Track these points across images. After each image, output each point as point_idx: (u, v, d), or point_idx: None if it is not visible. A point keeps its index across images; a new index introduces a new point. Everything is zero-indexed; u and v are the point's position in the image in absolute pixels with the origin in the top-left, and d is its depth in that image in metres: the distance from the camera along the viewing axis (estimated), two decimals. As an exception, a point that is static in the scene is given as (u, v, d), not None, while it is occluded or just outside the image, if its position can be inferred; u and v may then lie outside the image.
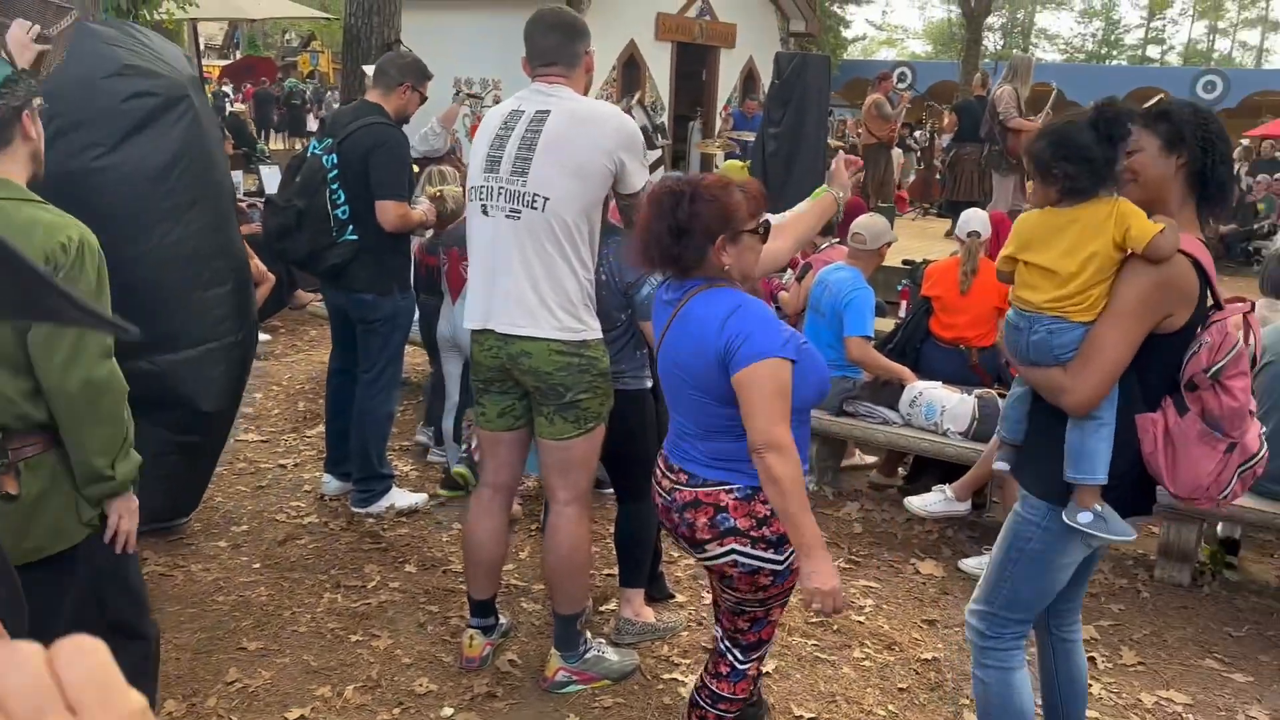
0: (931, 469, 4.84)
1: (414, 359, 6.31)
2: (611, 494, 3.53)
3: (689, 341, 2.29)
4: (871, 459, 5.44)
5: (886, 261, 5.31)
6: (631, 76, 12.96)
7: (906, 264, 7.69)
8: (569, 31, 3.01)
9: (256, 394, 6.01)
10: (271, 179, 8.50)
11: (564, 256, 2.86)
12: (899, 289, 6.96)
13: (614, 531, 3.46)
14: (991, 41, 45.60)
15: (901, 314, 6.63)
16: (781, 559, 2.31)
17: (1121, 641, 3.62)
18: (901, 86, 19.11)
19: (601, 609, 3.63)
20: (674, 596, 3.71)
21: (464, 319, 3.06)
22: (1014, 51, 42.09)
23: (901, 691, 3.26)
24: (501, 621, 3.36)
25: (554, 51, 2.97)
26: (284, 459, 5.02)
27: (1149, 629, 3.73)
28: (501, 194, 2.89)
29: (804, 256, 5.97)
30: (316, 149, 4.18)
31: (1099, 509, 2.23)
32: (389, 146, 4.07)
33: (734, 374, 2.20)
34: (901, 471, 5.20)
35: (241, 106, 18.19)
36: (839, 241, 5.51)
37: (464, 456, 4.61)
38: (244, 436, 5.23)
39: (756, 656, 2.53)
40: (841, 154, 3.11)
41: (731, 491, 2.30)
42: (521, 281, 2.86)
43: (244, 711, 3.00)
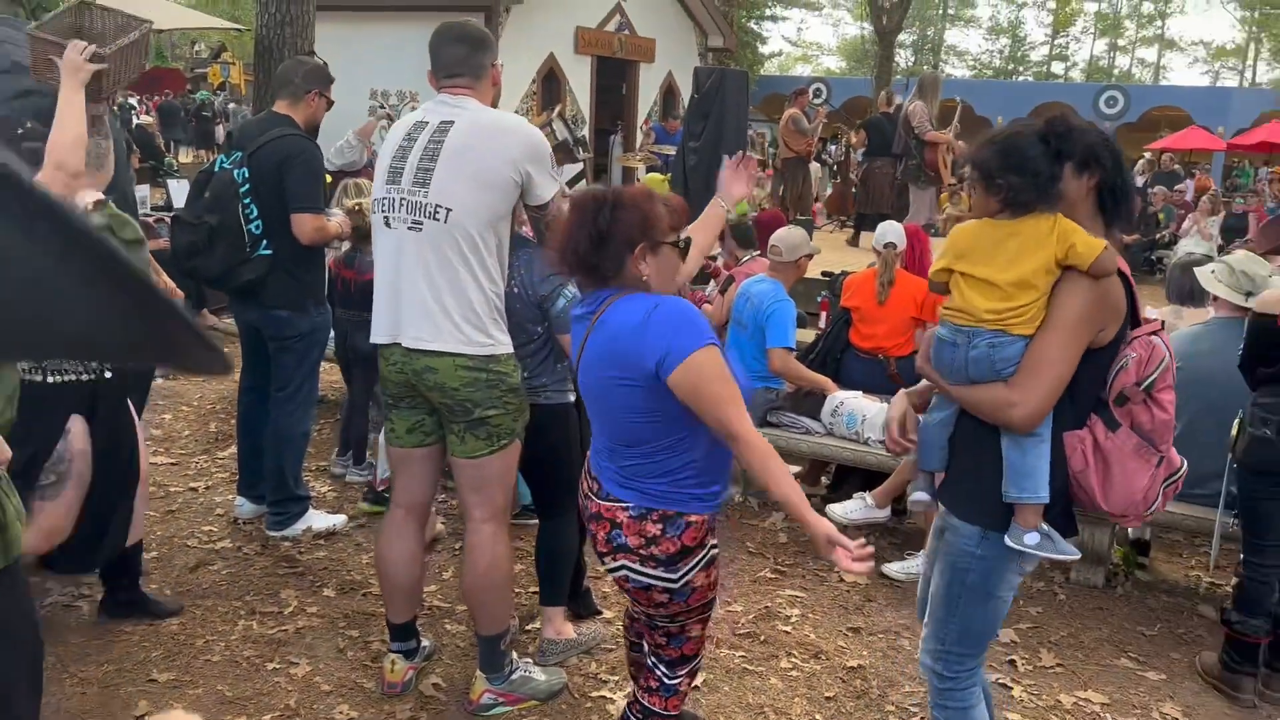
0: (854, 477, 4.89)
1: (330, 375, 6.16)
2: (536, 522, 3.48)
3: (608, 350, 2.27)
4: (795, 468, 5.47)
5: (806, 273, 5.36)
6: (551, 90, 12.93)
7: (826, 276, 7.76)
8: (474, 43, 2.98)
9: (165, 415, 5.81)
10: (180, 193, 8.26)
11: (469, 269, 2.80)
12: (819, 300, 7.03)
13: (535, 549, 3.41)
14: (903, 58, 46.74)
15: (822, 324, 6.71)
16: (675, 577, 2.30)
17: (1040, 644, 3.69)
18: (817, 102, 19.44)
19: (528, 628, 3.57)
20: (601, 612, 3.67)
21: (371, 334, 2.99)
22: (924, 68, 43.24)
23: (829, 700, 3.27)
24: (424, 644, 3.28)
25: (460, 63, 2.93)
26: (195, 482, 4.85)
27: (1066, 630, 3.81)
28: (403, 205, 2.83)
29: (726, 268, 6.02)
30: (225, 163, 4.06)
31: (1044, 528, 2.21)
32: (302, 158, 3.98)
33: (669, 377, 2.17)
34: (825, 480, 5.24)
35: (148, 119, 17.69)
36: (760, 254, 5.55)
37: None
38: (153, 459, 5.03)
39: (684, 672, 2.51)
40: (727, 160, 3.04)
41: (627, 509, 2.30)
42: (425, 295, 2.81)
43: (153, 747, 2.87)
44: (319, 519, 4.32)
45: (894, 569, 4.23)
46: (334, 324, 4.67)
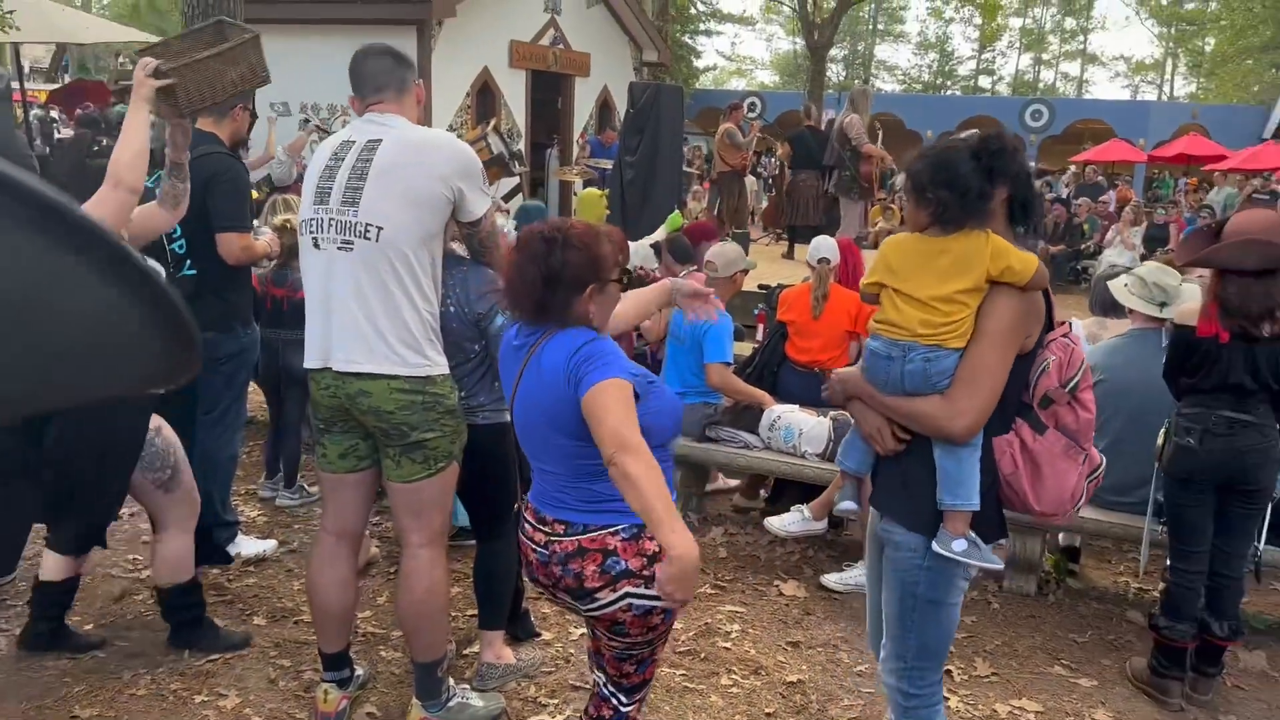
0: (792, 490, 4.92)
1: (257, 394, 6.02)
2: (474, 544, 3.42)
3: (545, 385, 2.23)
4: (734, 482, 5.49)
5: (743, 288, 5.39)
6: (486, 103, 12.86)
7: (762, 289, 7.83)
8: (397, 58, 2.96)
9: (88, 439, 5.62)
10: (103, 210, 8.02)
11: (402, 289, 2.76)
12: (755, 313, 7.09)
13: (473, 573, 3.36)
14: (835, 72, 47.42)
15: (759, 337, 6.75)
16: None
17: (975, 653, 3.73)
18: (751, 116, 19.64)
19: (465, 652, 3.52)
20: (540, 635, 3.63)
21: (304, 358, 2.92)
22: (855, 82, 43.94)
23: (769, 716, 3.27)
24: (358, 673, 3.21)
25: (383, 75, 2.90)
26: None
27: (1000, 639, 3.86)
28: (332, 225, 2.77)
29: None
30: (147, 182, 3.94)
31: (972, 536, 2.22)
32: (228, 176, 3.90)
33: (581, 397, 2.13)
34: (763, 494, 5.26)
35: (69, 133, 17.17)
36: (696, 267, 5.56)
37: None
38: (74, 486, 4.87)
39: (639, 697, 2.47)
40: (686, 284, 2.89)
41: (618, 533, 2.21)
42: (358, 316, 2.75)
43: (73, 789, 2.76)
44: (248, 544, 4.21)
45: (832, 580, 4.25)
46: (263, 344, 4.58)
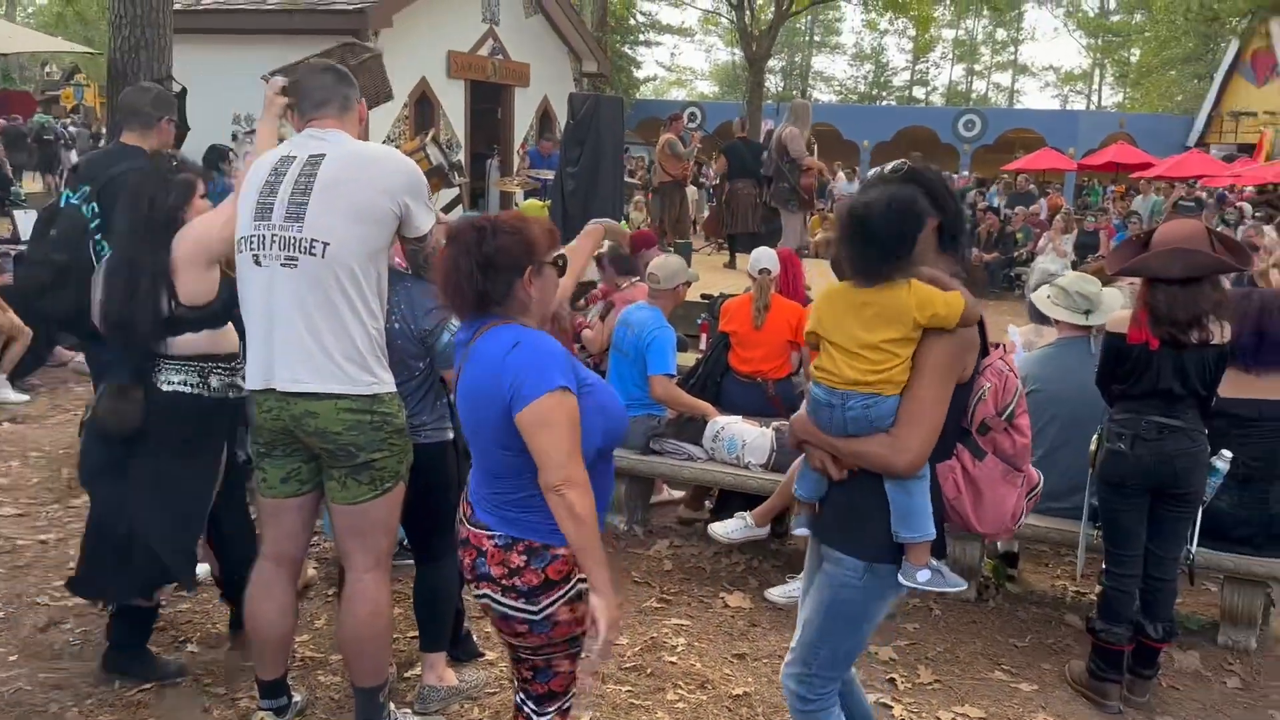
0: (737, 500, 4.92)
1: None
2: (412, 563, 3.37)
3: (477, 380, 2.25)
4: (679, 493, 5.49)
5: (686, 299, 5.40)
6: (424, 114, 12.75)
7: (705, 298, 7.85)
8: (340, 74, 2.94)
9: (12, 461, 5.45)
10: (27, 225, 7.81)
11: (349, 305, 2.71)
12: (699, 322, 7.11)
13: (413, 593, 3.30)
14: (774, 83, 47.97)
15: (702, 346, 6.77)
16: (535, 609, 2.26)
17: (918, 660, 3.76)
18: (692, 126, 19.75)
19: (406, 675, 3.45)
20: (483, 655, 3.58)
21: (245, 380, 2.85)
22: (794, 95, 44.45)
23: (716, 731, 3.26)
24: (295, 699, 3.13)
25: (327, 91, 2.86)
26: (45, 534, 4.54)
27: (943, 645, 3.90)
28: (275, 242, 2.71)
29: (605, 295, 6.01)
30: (72, 198, 3.84)
31: (935, 564, 2.27)
32: (157, 192, 3.80)
33: (517, 414, 2.14)
34: (708, 505, 5.26)
35: (-6, 143, 16.67)
36: (640, 280, 5.56)
37: None
38: (-2, 511, 4.71)
39: (553, 709, 2.45)
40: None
41: (493, 538, 2.27)
42: (303, 334, 2.70)
43: (-4, 831, 2.65)
44: (182, 569, 4.09)
45: (776, 594, 4.26)
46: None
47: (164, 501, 3.11)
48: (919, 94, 55.99)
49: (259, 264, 2.74)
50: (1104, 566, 3.54)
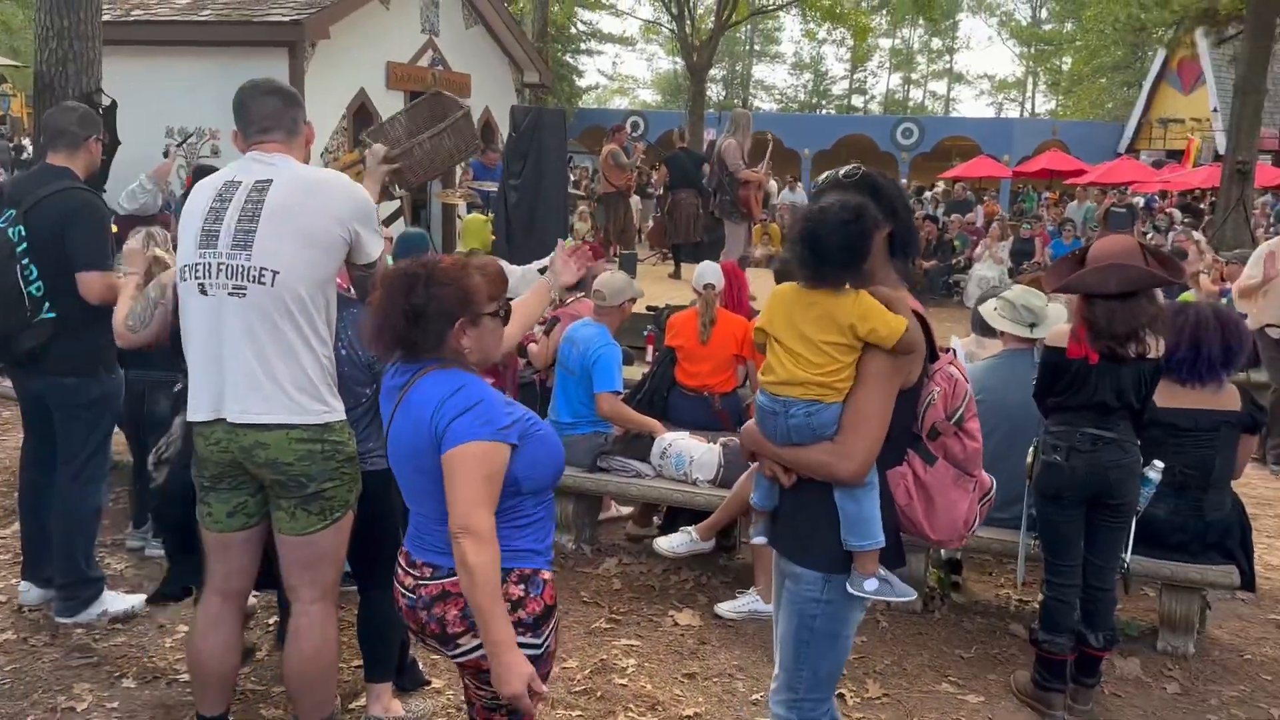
0: (685, 515, 4.91)
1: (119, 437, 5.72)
2: (354, 589, 3.30)
3: (413, 426, 2.20)
4: (627, 510, 5.46)
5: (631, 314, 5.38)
6: (363, 126, 12.56)
7: (651, 310, 7.86)
8: (288, 97, 2.87)
9: (-64, 491, 5.25)
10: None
11: (299, 333, 2.67)
12: (645, 334, 7.11)
13: (358, 621, 3.24)
14: (715, 92, 48.33)
15: (648, 358, 6.77)
16: (540, 641, 2.23)
17: (866, 674, 3.78)
18: (635, 135, 19.80)
19: (351, 706, 3.38)
20: (429, 683, 3.52)
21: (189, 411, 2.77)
22: (735, 104, 44.77)
23: (667, 754, 3.24)
24: (237, 736, 3.06)
25: (273, 117, 2.80)
26: (-29, 566, 4.39)
27: (890, 658, 3.92)
28: (222, 270, 2.65)
29: (551, 310, 5.97)
30: None
31: (883, 573, 2.27)
32: (86, 213, 3.72)
33: (443, 454, 2.12)
34: (656, 521, 5.25)
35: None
36: (585, 296, 5.54)
37: None
38: (-80, 544, 4.54)
39: None
40: (562, 244, 3.14)
41: None
42: (253, 364, 2.64)
43: None
44: (116, 601, 3.97)
45: (725, 609, 4.26)
46: (127, 386, 4.36)
47: None
48: (858, 102, 56.82)
49: (205, 293, 2.68)
50: (1044, 577, 3.59)
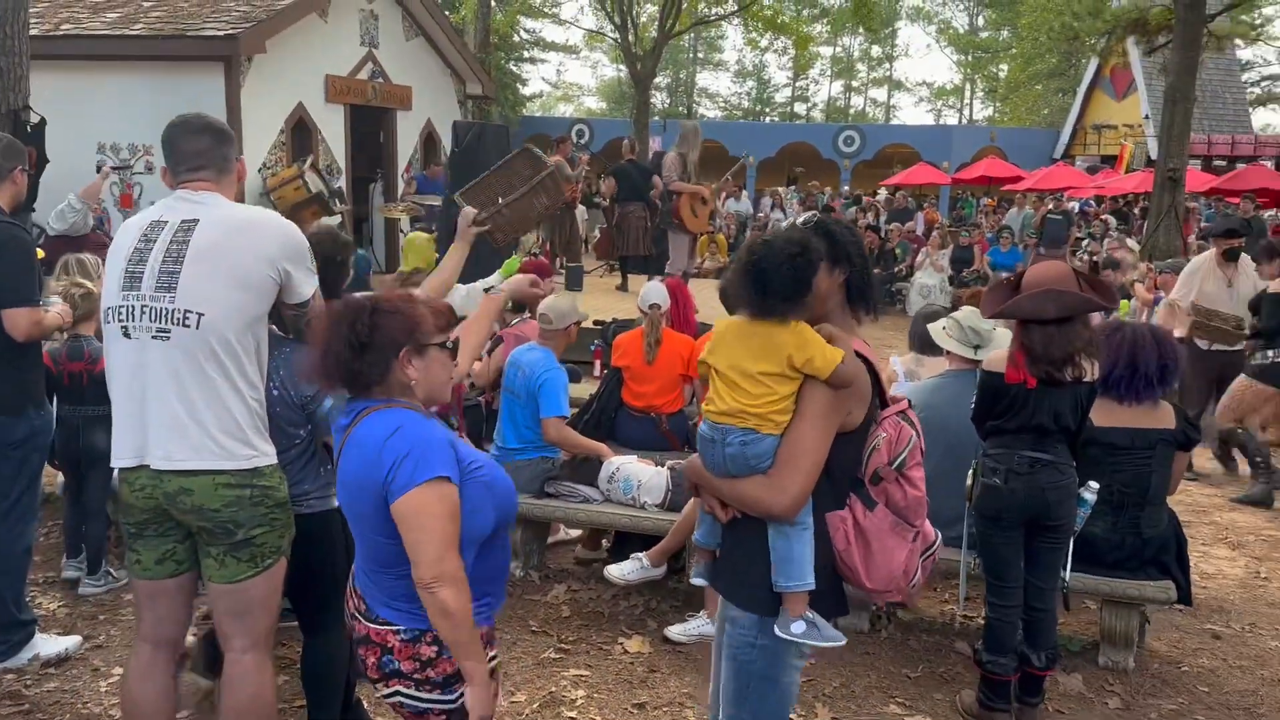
0: (634, 538, 4.89)
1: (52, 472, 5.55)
2: (295, 624, 3.24)
3: (354, 467, 2.18)
4: (575, 533, 5.43)
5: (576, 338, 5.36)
6: (302, 140, 12.40)
7: (598, 324, 7.84)
8: (220, 134, 2.79)
9: None
10: None
11: (226, 377, 2.61)
12: (592, 349, 7.08)
13: (301, 664, 3.18)
14: (660, 100, 48.48)
15: (596, 373, 6.74)
16: (452, 699, 2.23)
17: (815, 698, 3.79)
18: (580, 144, 19.78)
19: (295, 749, 3.32)
20: (375, 722, 3.46)
21: (112, 457, 2.70)
22: (680, 112, 44.94)
23: (617, 788, 3.22)
24: (175, 786, 2.97)
25: (204, 155, 2.73)
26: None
27: (839, 680, 3.94)
28: (145, 313, 2.59)
29: (497, 328, 5.92)
30: None
31: (810, 616, 2.25)
32: (12, 247, 3.60)
33: (393, 504, 2.09)
34: (605, 544, 5.23)
35: None
36: (531, 317, 5.51)
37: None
38: None
39: None
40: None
41: (398, 633, 2.21)
42: (177, 409, 2.58)
43: None
44: (48, 644, 3.85)
45: (675, 632, 4.25)
46: (61, 422, 4.25)
47: None
48: (800, 110, 57.35)
49: (128, 335, 2.62)
50: (987, 598, 3.63)
